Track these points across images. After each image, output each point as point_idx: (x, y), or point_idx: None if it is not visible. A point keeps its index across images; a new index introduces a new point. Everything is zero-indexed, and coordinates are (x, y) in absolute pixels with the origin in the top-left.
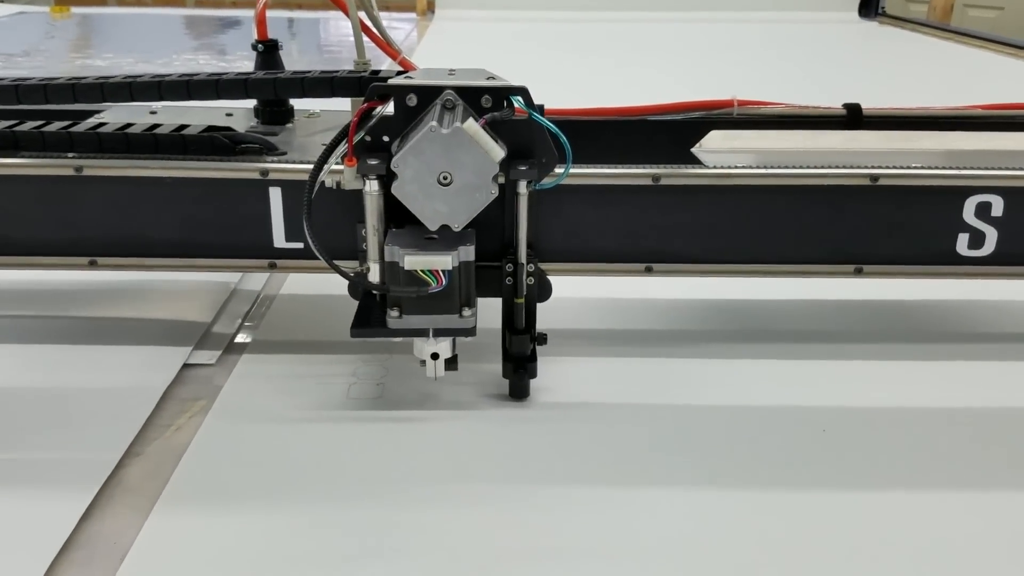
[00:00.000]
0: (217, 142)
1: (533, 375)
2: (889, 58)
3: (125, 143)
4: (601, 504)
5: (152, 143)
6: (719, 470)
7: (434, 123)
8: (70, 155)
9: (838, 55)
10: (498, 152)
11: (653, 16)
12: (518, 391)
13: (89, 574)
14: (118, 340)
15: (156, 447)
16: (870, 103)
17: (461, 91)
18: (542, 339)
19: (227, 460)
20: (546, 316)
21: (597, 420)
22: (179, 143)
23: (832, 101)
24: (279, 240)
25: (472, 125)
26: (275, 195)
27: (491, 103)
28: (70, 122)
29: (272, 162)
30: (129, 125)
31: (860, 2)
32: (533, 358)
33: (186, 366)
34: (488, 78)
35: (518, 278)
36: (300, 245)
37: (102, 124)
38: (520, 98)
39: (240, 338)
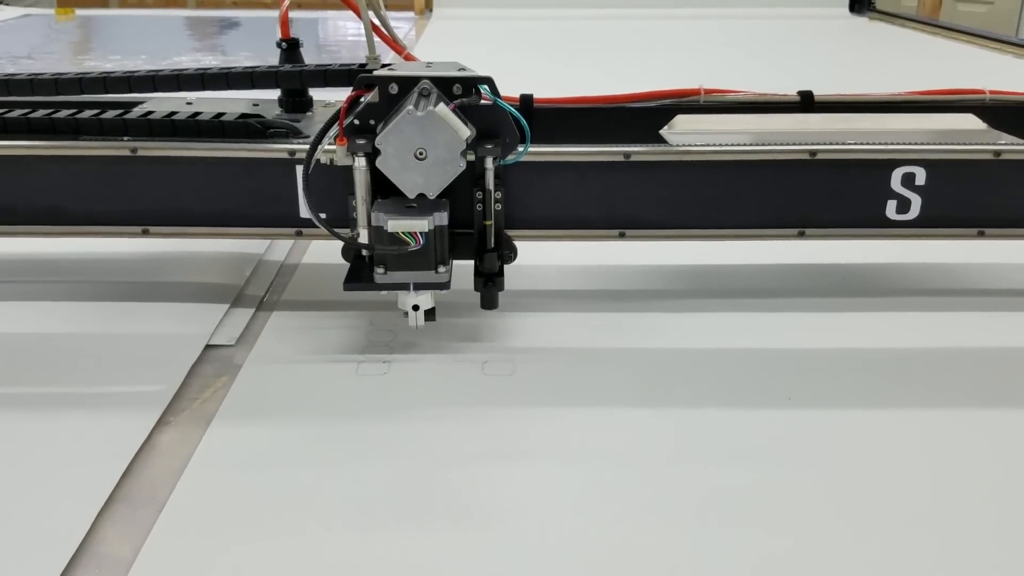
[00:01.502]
0: (250, 127)
1: (501, 288)
2: (877, 53)
3: (172, 128)
4: (557, 421)
5: (195, 128)
6: (666, 395)
7: (411, 107)
8: (125, 138)
9: (826, 51)
10: (465, 132)
11: (647, 12)
12: (488, 302)
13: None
14: (168, 298)
15: (201, 382)
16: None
17: (435, 81)
18: (509, 258)
19: (263, 391)
20: (532, 277)
21: (571, 360)
22: (218, 128)
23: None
24: (304, 211)
25: (443, 109)
26: (300, 172)
27: (461, 91)
28: (123, 110)
29: (298, 144)
30: (174, 113)
31: None
32: (501, 273)
33: (223, 323)
34: (460, 70)
35: (487, 204)
36: (323, 215)
37: (150, 112)
38: (486, 87)
39: (270, 297)
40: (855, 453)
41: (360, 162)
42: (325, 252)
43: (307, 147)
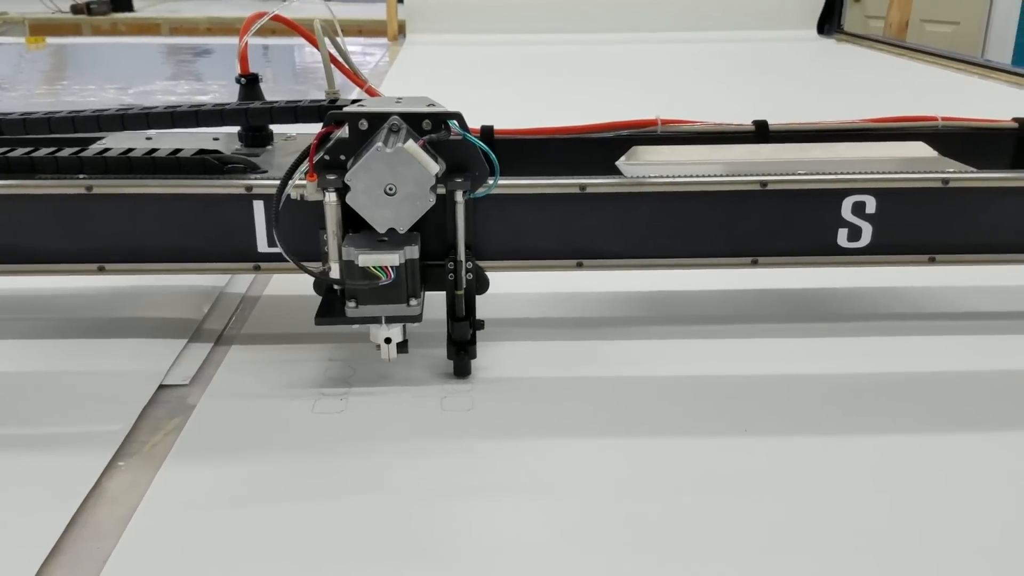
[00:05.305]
0: (207, 163)
1: (473, 356)
2: (844, 76)
3: (128, 165)
4: (523, 453)
5: (151, 165)
6: (626, 423)
7: (380, 143)
8: (81, 176)
9: (794, 73)
10: (434, 167)
11: (617, 37)
12: (461, 370)
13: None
14: (124, 335)
15: (164, 412)
16: (819, 119)
17: (405, 116)
18: (480, 325)
19: (222, 427)
20: (492, 307)
21: (530, 390)
22: (174, 164)
23: (784, 118)
24: (262, 246)
25: (411, 145)
26: (258, 207)
27: (431, 126)
28: (79, 148)
29: (255, 179)
30: (131, 149)
31: (819, 19)
32: (473, 341)
33: (180, 357)
34: (429, 105)
35: (458, 274)
36: (280, 250)
37: (107, 149)
38: (455, 122)
39: (229, 331)
40: (808, 479)
41: (331, 197)
42: (287, 285)
43: (265, 182)
